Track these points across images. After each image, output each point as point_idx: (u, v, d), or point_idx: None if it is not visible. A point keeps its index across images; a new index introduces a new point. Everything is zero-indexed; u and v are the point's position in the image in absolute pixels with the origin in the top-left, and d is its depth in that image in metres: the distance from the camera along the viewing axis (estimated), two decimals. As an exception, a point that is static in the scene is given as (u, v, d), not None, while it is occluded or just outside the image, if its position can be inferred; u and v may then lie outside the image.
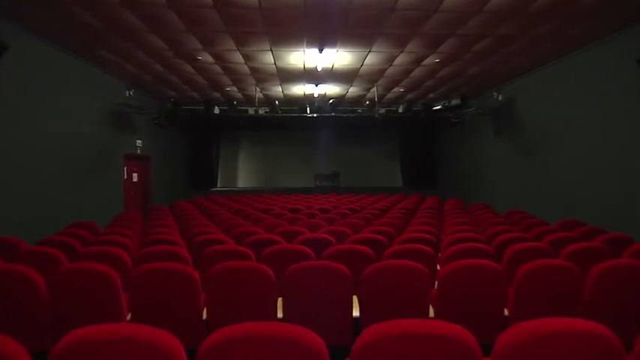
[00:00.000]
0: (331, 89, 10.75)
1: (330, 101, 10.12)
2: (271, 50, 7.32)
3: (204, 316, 2.85)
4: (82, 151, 7.61)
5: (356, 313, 2.84)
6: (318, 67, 8.34)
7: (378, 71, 8.88)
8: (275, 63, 8.16)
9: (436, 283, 2.89)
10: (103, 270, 2.74)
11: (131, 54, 7.41)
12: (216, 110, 9.88)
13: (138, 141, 10.17)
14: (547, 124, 8.09)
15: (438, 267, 3.72)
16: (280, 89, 10.68)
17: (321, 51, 7.32)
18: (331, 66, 8.40)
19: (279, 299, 2.86)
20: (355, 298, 2.91)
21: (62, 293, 2.75)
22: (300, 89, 10.70)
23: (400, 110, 10.23)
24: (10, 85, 5.81)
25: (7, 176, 5.77)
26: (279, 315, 2.82)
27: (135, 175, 10.24)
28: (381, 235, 4.36)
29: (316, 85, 10.27)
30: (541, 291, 2.76)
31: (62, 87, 7.01)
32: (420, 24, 6.05)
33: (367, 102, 10.37)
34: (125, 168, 9.55)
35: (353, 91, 10.96)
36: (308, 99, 11.61)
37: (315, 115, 10.62)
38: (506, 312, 2.84)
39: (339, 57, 7.75)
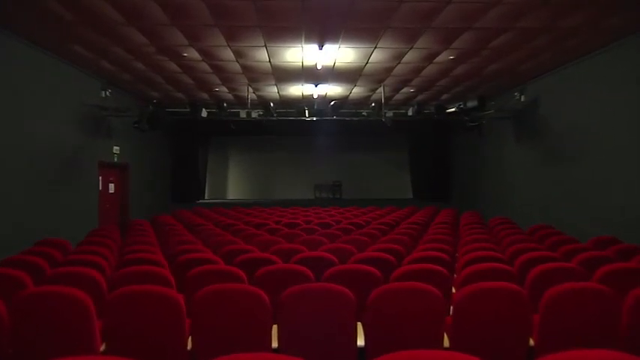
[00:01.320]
0: (332, 90, 10.79)
1: (332, 103, 10.16)
2: (265, 46, 7.37)
3: (189, 345, 2.82)
4: (50, 158, 7.62)
5: (360, 342, 2.82)
6: (318, 64, 8.39)
7: (385, 70, 8.92)
8: (270, 60, 8.21)
9: (451, 308, 2.88)
10: (73, 294, 2.72)
11: (108, 50, 7.46)
12: (204, 113, 9.91)
13: (115, 147, 10.19)
14: (576, 128, 8.10)
15: (454, 290, 3.71)
16: (275, 90, 10.72)
17: (321, 47, 7.37)
18: (332, 64, 8.45)
19: (274, 326, 2.84)
20: (360, 326, 2.89)
21: (27, 321, 2.73)
22: (297, 90, 10.75)
23: (410, 113, 10.26)
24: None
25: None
26: (274, 345, 2.80)
27: (111, 185, 10.24)
28: (388, 254, 4.35)
29: (316, 86, 10.31)
30: (571, 318, 2.74)
31: (29, 86, 7.04)
32: (432, 16, 6.09)
33: (373, 104, 10.40)
34: (100, 178, 9.55)
35: (357, 91, 11.01)
36: (306, 101, 11.66)
37: (314, 119, 10.65)
38: (531, 342, 2.82)
39: (341, 54, 7.80)
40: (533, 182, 9.65)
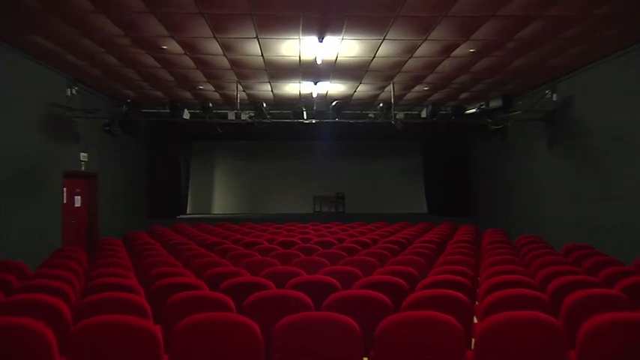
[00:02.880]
0: (334, 88, 10.84)
1: (333, 103, 10.19)
2: (257, 38, 7.41)
3: (167, 386, 2.81)
4: (5, 167, 7.59)
5: (368, 382, 2.81)
6: (318, 59, 8.42)
7: (394, 65, 8.96)
8: (262, 54, 8.24)
9: (473, 341, 2.86)
10: (32, 326, 2.71)
11: (74, 41, 7.48)
12: (186, 115, 9.93)
13: (82, 154, 10.20)
14: (617, 131, 8.07)
15: (475, 320, 3.69)
16: (269, 88, 10.76)
17: (321, 39, 7.40)
18: (334, 58, 8.49)
19: (266, 364, 2.83)
20: (367, 363, 2.88)
21: (-22, 356, 2.71)
22: (294, 88, 10.79)
23: (423, 115, 10.29)
24: None
25: None
26: (266, 385, 2.79)
27: (77, 198, 10.23)
28: (399, 278, 4.34)
29: (315, 83, 10.35)
30: (613, 354, 2.72)
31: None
32: (449, 3, 6.12)
33: (381, 104, 10.43)
34: (65, 189, 9.55)
35: (362, 90, 11.05)
36: (305, 101, 11.69)
37: (313, 122, 10.67)
38: (567, 381, 2.81)
39: (344, 47, 7.84)
40: (568, 194, 9.63)
